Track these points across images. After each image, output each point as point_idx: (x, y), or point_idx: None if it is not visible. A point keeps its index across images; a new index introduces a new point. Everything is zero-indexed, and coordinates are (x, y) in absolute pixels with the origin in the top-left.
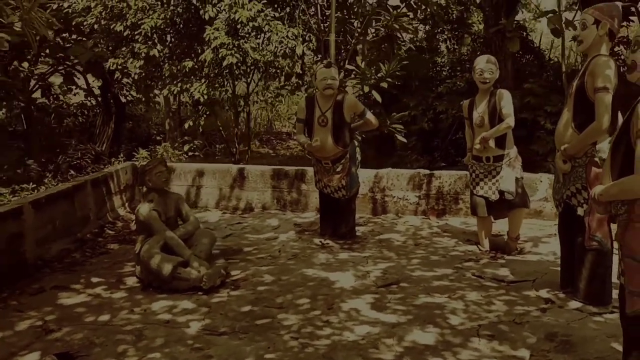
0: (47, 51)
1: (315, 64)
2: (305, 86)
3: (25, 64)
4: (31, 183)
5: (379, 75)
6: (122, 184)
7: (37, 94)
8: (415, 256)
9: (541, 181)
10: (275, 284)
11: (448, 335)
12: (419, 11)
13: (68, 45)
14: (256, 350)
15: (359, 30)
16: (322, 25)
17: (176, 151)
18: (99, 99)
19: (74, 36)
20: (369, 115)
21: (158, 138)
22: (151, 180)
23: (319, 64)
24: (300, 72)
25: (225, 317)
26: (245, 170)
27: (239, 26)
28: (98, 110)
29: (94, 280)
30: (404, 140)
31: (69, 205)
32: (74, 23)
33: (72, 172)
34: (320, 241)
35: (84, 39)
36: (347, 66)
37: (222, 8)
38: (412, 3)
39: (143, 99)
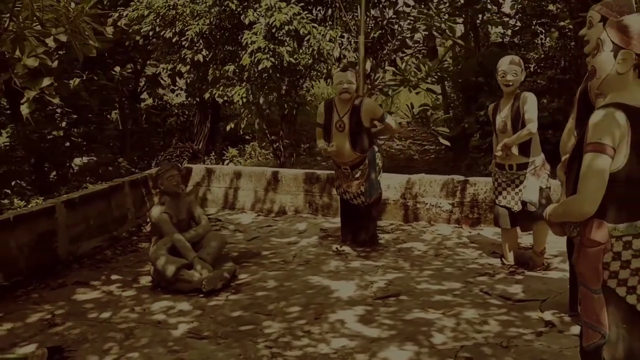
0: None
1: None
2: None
3: (117, 68)
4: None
5: (419, 76)
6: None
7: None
8: (429, 267)
9: None
10: (275, 290)
11: (424, 354)
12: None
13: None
14: (228, 356)
15: (399, 30)
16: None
17: (263, 150)
18: (197, 99)
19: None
20: (389, 120)
21: (247, 137)
22: (163, 184)
23: (336, 68)
24: None
25: (213, 321)
26: (280, 174)
27: (273, 30)
28: (196, 111)
29: (113, 277)
30: (447, 143)
31: (104, 205)
32: (130, 31)
33: None
34: (336, 248)
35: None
36: (387, 67)
37: (261, 13)
38: None
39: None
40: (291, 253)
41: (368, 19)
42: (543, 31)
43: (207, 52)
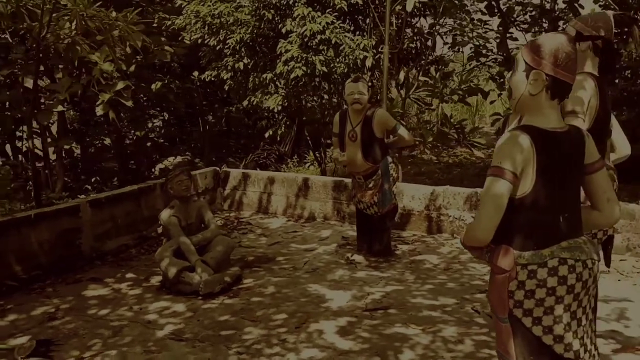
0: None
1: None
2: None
3: (196, 73)
4: None
5: (450, 87)
6: (201, 188)
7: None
8: (432, 282)
9: None
10: (270, 296)
11: None
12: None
13: None
14: (196, 359)
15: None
16: (396, 36)
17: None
18: (286, 103)
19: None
20: (402, 131)
21: (328, 142)
22: (172, 188)
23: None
24: (370, 84)
25: (199, 324)
26: (310, 181)
27: (305, 39)
28: (284, 114)
29: (128, 275)
30: (482, 155)
31: (133, 205)
32: (180, 39)
33: (258, 169)
34: (347, 257)
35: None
36: (420, 77)
37: (298, 22)
38: None
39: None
40: (303, 260)
41: (404, 30)
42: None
43: (249, 60)
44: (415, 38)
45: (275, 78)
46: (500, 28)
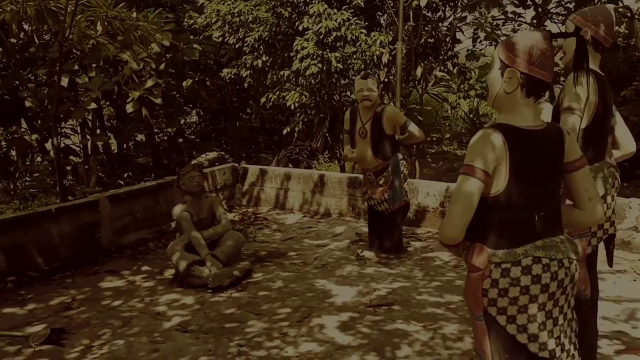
0: None
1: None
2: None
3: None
4: None
5: (468, 82)
6: (219, 184)
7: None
8: (441, 279)
9: (630, 207)
10: (277, 290)
11: None
12: None
13: None
14: (198, 350)
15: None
16: (413, 31)
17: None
18: (317, 98)
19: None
20: (412, 128)
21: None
22: (184, 184)
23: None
24: (386, 80)
25: (205, 317)
26: (325, 177)
27: (321, 36)
28: (316, 111)
29: (143, 268)
30: None
31: (152, 200)
32: (201, 37)
33: (290, 165)
34: (358, 253)
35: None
36: (435, 73)
37: (314, 20)
38: None
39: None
40: (314, 256)
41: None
42: None
43: (267, 58)
44: (433, 33)
45: (292, 75)
46: (534, 21)
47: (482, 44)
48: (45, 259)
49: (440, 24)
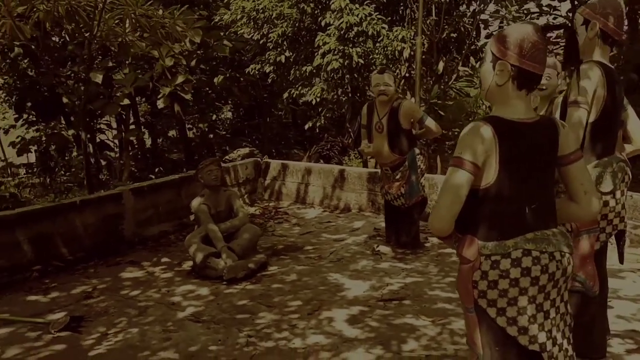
0: None
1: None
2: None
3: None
4: None
5: None
6: (242, 178)
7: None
8: (455, 275)
9: None
10: (290, 283)
11: (383, 359)
12: None
13: None
14: (208, 340)
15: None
16: (435, 26)
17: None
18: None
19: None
20: (429, 122)
21: None
22: (203, 178)
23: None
24: (407, 75)
25: (217, 308)
26: (346, 172)
27: (342, 32)
28: (348, 106)
29: (163, 260)
30: None
31: (174, 194)
32: (223, 34)
33: (321, 160)
34: (373, 248)
35: None
36: (459, 68)
37: (335, 15)
38: None
39: None
40: (331, 250)
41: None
42: None
43: (290, 53)
44: (456, 27)
45: (314, 70)
46: (570, 13)
47: None
48: (70, 249)
49: (463, 18)
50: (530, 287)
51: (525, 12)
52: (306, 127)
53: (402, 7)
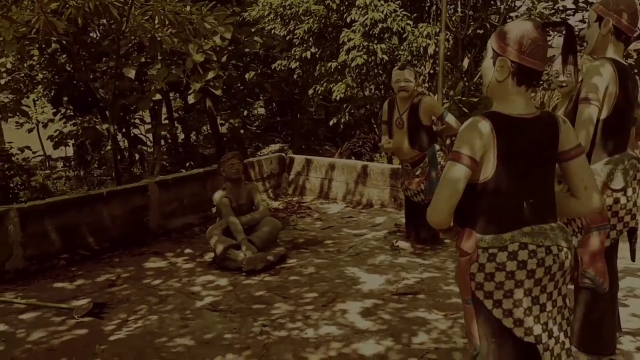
0: None
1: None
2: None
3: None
4: None
5: None
6: (266, 172)
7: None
8: None
9: None
10: (308, 276)
11: (393, 351)
12: None
13: None
14: (224, 328)
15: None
16: (461, 22)
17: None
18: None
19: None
20: (449, 118)
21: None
22: (224, 171)
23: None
24: (432, 71)
25: (235, 298)
26: (368, 168)
27: (367, 28)
28: (379, 103)
29: (186, 251)
30: None
31: (199, 187)
32: (253, 30)
33: (352, 157)
34: (392, 243)
35: None
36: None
37: (360, 11)
38: None
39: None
40: (351, 244)
41: (468, 15)
42: None
43: (316, 49)
44: (481, 24)
45: (339, 67)
46: None
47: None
48: (96, 239)
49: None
50: (526, 280)
51: (560, 8)
52: (330, 123)
53: (427, 4)
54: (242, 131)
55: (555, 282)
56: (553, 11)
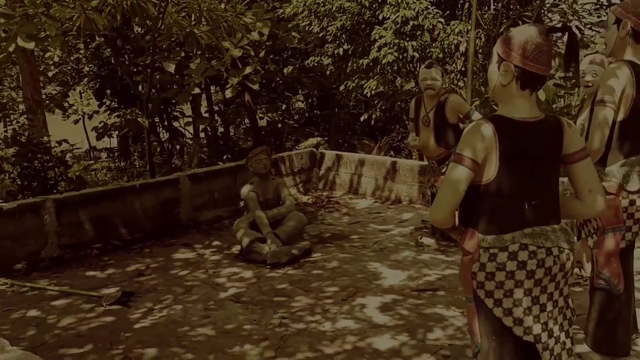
0: None
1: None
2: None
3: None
4: None
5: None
6: (297, 167)
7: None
8: None
9: None
10: (331, 270)
11: (407, 346)
12: None
13: None
14: (245, 319)
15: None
16: (493, 19)
17: None
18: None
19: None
20: (476, 117)
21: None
22: (252, 166)
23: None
24: (463, 69)
25: (257, 290)
26: (397, 164)
27: (398, 25)
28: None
29: (214, 243)
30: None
31: (229, 180)
32: (289, 26)
33: (391, 152)
34: (417, 239)
35: None
36: None
37: (392, 9)
38: None
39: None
40: (376, 240)
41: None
42: None
43: (349, 46)
44: (514, 22)
45: (371, 64)
46: None
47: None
48: (128, 230)
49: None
50: (525, 280)
51: (604, 4)
52: (362, 119)
53: (460, 1)
54: (279, 125)
55: (557, 283)
56: (597, 6)
